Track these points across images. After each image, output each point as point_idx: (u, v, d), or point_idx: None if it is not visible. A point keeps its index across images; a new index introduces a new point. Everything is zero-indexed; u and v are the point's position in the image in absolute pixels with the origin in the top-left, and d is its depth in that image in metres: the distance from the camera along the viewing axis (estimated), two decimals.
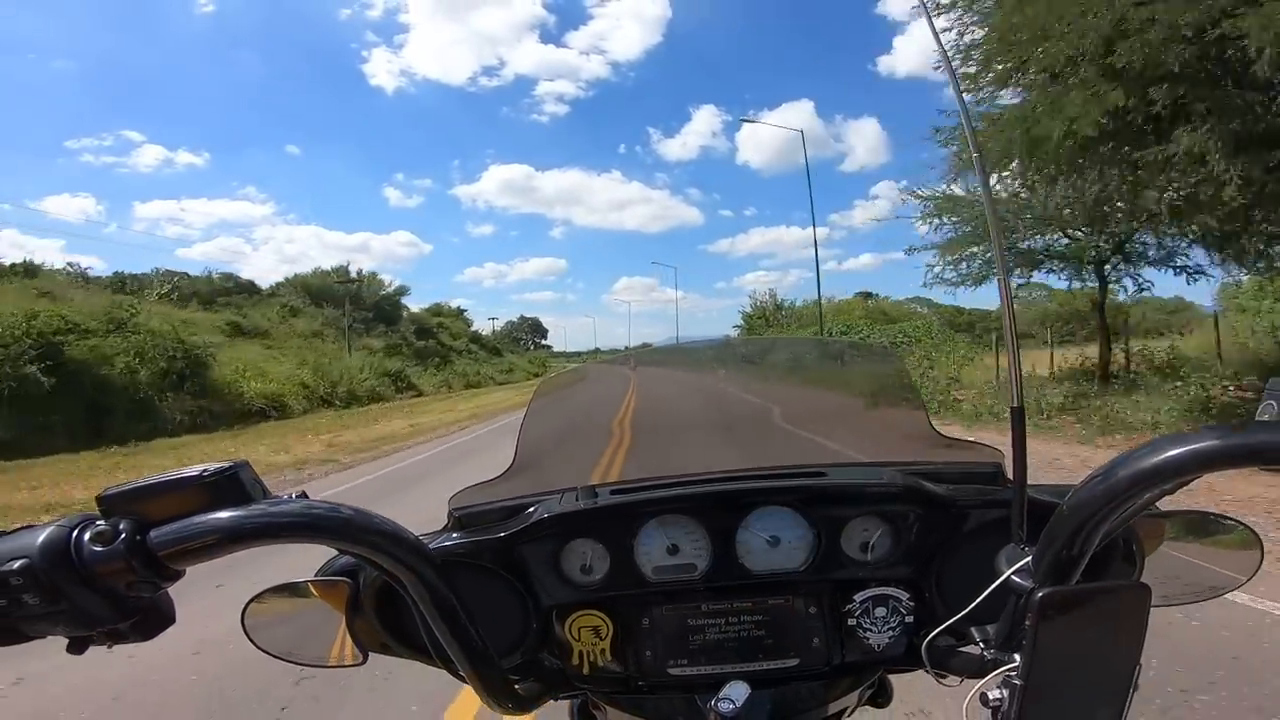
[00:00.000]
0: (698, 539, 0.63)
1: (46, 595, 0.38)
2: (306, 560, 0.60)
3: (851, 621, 0.62)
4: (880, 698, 0.71)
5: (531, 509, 0.64)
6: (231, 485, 0.41)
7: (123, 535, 0.39)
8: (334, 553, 0.58)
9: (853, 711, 0.70)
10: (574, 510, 0.63)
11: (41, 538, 0.38)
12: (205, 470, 0.41)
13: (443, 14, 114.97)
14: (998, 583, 0.50)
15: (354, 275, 43.89)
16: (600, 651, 0.62)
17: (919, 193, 11.28)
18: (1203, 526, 0.62)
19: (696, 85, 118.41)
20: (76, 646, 0.41)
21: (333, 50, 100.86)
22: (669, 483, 0.67)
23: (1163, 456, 0.37)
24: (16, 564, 0.37)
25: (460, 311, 57.73)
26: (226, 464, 0.41)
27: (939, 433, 0.70)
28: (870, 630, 0.62)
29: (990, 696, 0.45)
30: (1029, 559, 0.47)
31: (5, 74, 68.53)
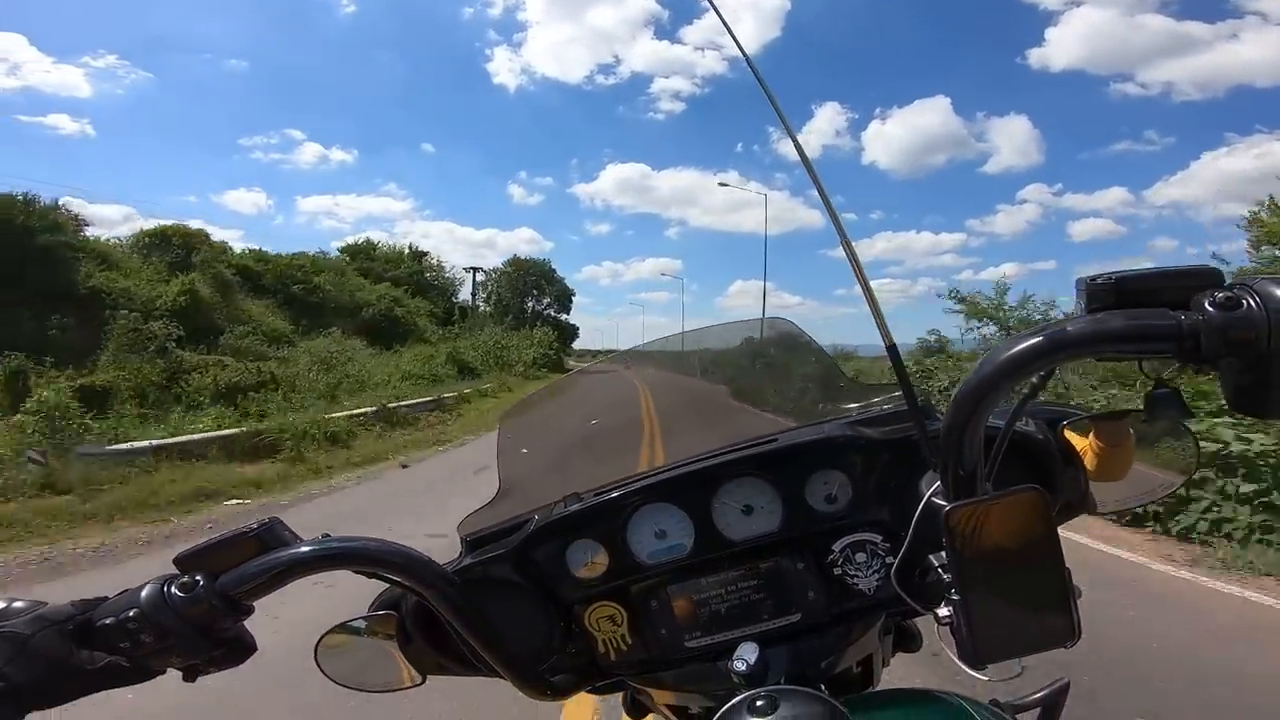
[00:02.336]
0: (680, 520, 0.69)
1: (157, 634, 0.50)
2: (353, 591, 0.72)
3: (837, 570, 0.67)
4: (910, 642, 0.76)
5: (528, 522, 0.72)
6: (271, 535, 0.53)
7: (200, 584, 0.51)
8: (379, 589, 0.68)
9: (887, 660, 0.74)
10: (562, 516, 0.71)
11: (145, 592, 0.51)
12: (249, 527, 0.53)
13: (559, 12, 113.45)
14: (920, 508, 0.55)
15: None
16: (621, 637, 0.69)
17: None
18: (1148, 431, 0.66)
19: (818, 81, 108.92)
20: (189, 675, 0.53)
21: (459, 49, 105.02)
22: (642, 476, 0.74)
23: (995, 363, 0.44)
24: (132, 613, 0.50)
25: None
26: (265, 520, 0.54)
27: (857, 381, 0.77)
28: (857, 575, 0.67)
29: (941, 615, 0.49)
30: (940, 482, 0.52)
31: (187, 73, 76.60)
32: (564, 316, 57.75)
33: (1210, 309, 0.40)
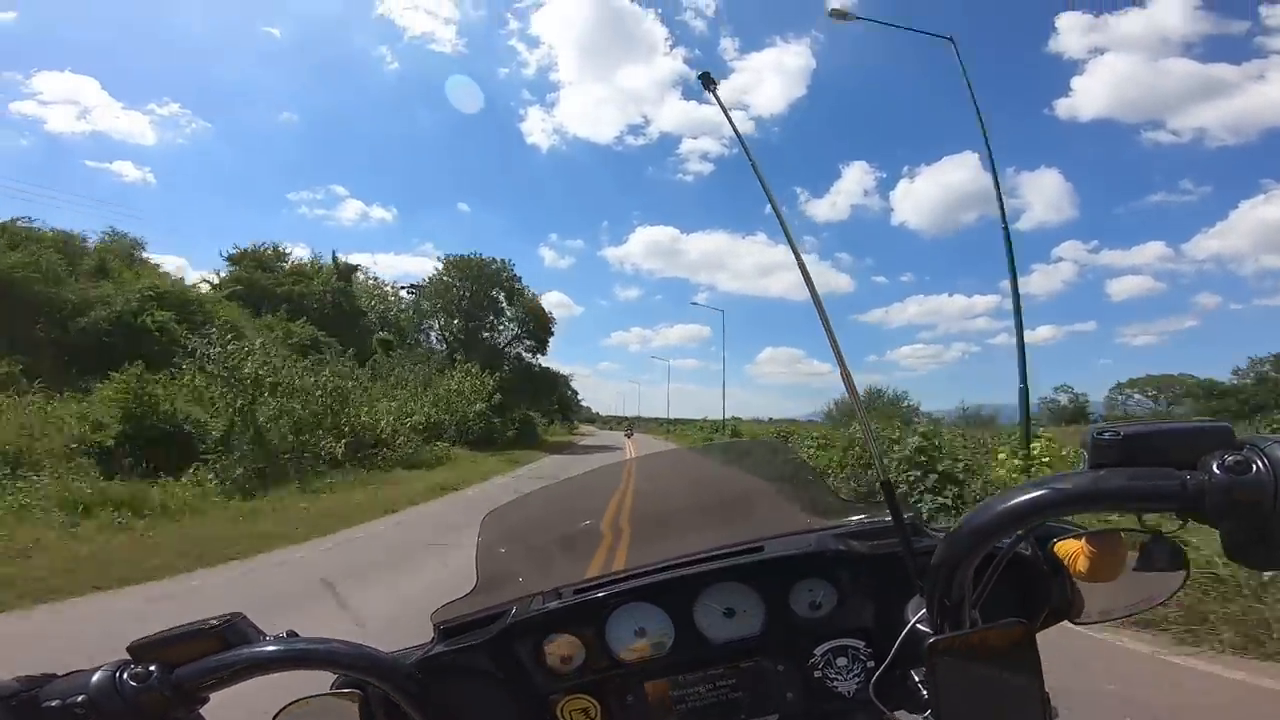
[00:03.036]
0: (661, 620, 0.69)
1: None
2: None
3: (817, 674, 0.67)
4: None
5: (505, 615, 0.71)
6: (234, 631, 0.52)
7: (154, 675, 0.49)
8: None
9: None
10: (541, 612, 0.70)
11: (95, 678, 0.49)
12: (211, 622, 0.52)
13: (590, 73, 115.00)
14: (905, 632, 0.56)
15: None
16: None
17: None
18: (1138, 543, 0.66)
19: (845, 140, 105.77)
20: None
21: (494, 109, 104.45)
22: (626, 575, 0.73)
23: (995, 512, 0.44)
24: (80, 698, 0.48)
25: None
26: (227, 615, 0.53)
27: (844, 499, 0.78)
28: (837, 679, 0.66)
29: None
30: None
31: (242, 123, 77.81)
32: (539, 360, 39.24)
33: (1218, 471, 0.40)
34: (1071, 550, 0.65)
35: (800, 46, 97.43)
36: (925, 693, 0.54)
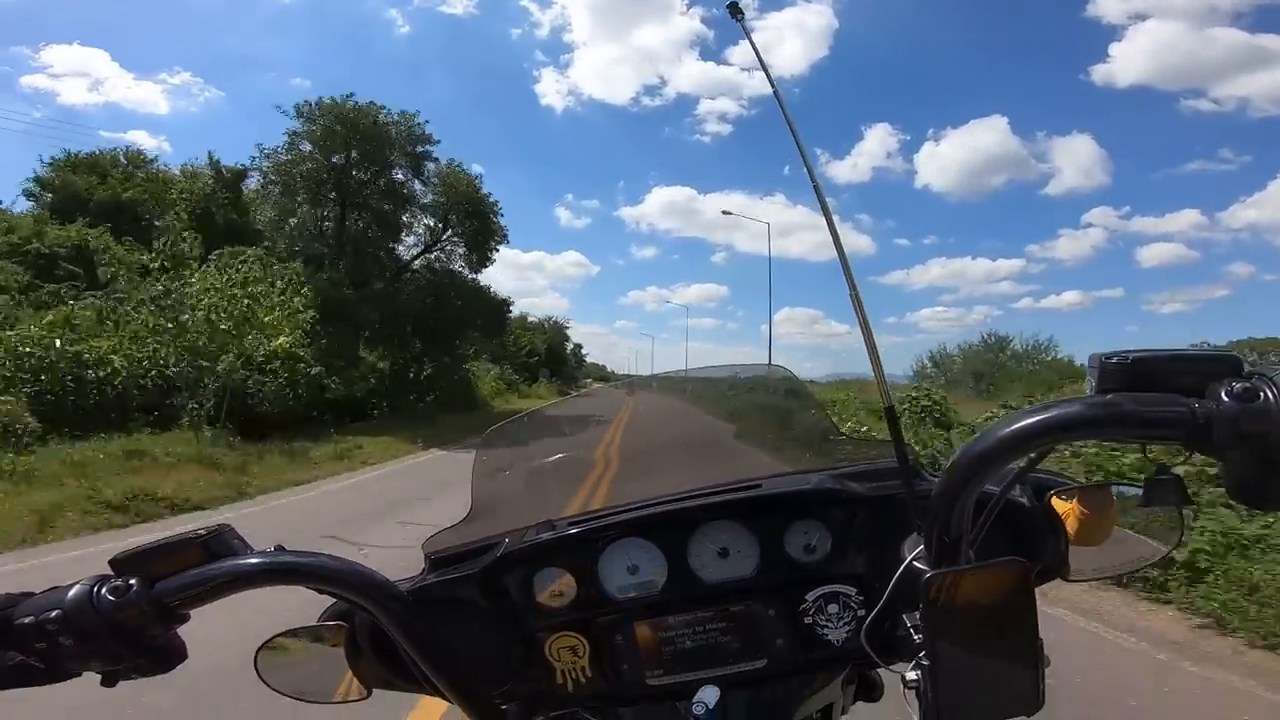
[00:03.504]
0: (654, 557, 0.68)
1: (78, 637, 0.47)
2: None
3: (807, 620, 0.66)
4: (872, 692, 0.75)
5: (497, 546, 0.70)
6: (219, 543, 0.51)
7: (133, 589, 0.48)
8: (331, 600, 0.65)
9: (846, 708, 0.74)
10: (534, 543, 0.69)
11: (70, 593, 0.48)
12: (198, 532, 0.50)
13: (604, 32, 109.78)
14: (900, 570, 0.54)
15: None
16: (580, 669, 0.67)
17: None
18: (1131, 500, 0.65)
19: (868, 102, 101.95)
20: (108, 680, 0.50)
21: (508, 70, 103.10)
22: (620, 510, 0.72)
23: (997, 437, 0.42)
24: (53, 614, 0.47)
25: None
26: (214, 526, 0.51)
27: (849, 436, 0.76)
28: (827, 627, 0.66)
29: (909, 678, 0.48)
30: (923, 545, 0.52)
31: (255, 91, 75.09)
32: (480, 278, 24.70)
33: (1226, 399, 0.38)
34: (1062, 511, 0.64)
35: (822, 6, 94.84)
36: (917, 637, 0.53)
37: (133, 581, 0.48)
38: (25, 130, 58.84)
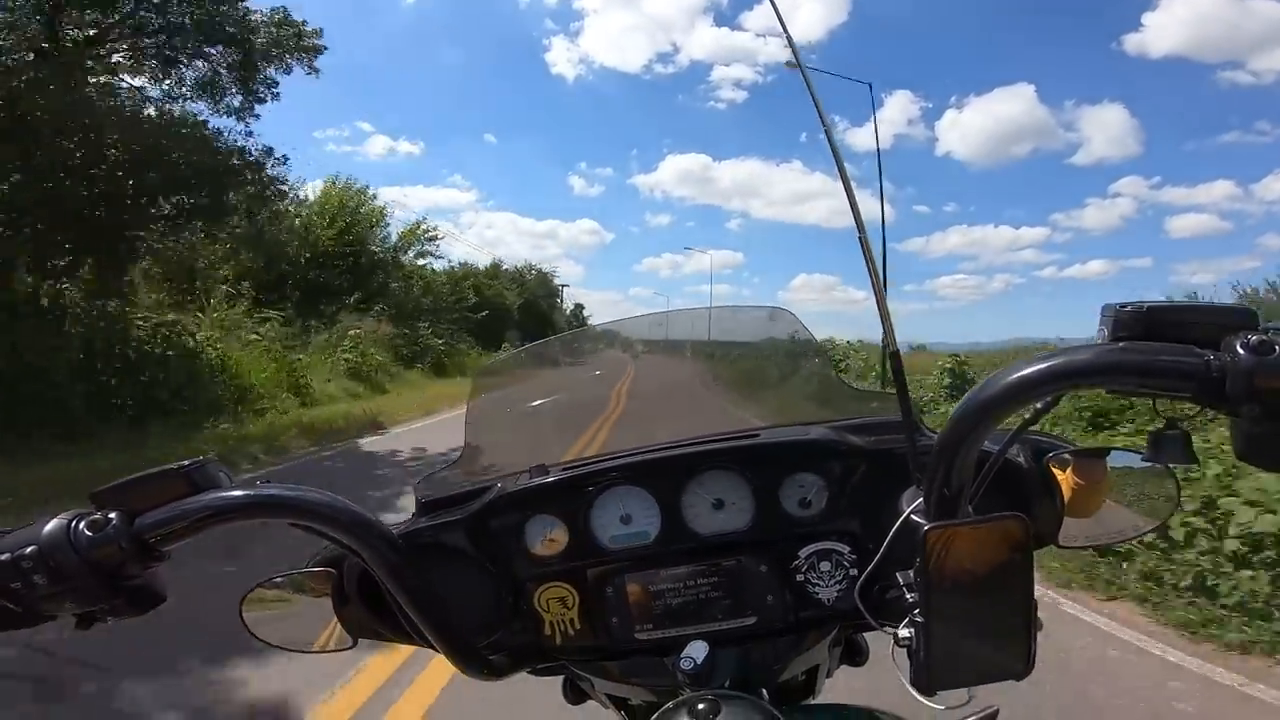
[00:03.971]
0: (648, 507, 0.67)
1: (52, 576, 0.45)
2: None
3: (800, 577, 0.65)
4: (856, 656, 0.75)
5: (488, 490, 0.69)
6: (203, 475, 0.48)
7: (113, 523, 0.46)
8: (320, 547, 0.64)
9: (831, 671, 0.74)
10: (526, 488, 0.68)
11: (46, 528, 0.46)
12: (181, 464, 0.48)
13: (615, 0, 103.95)
14: (898, 524, 0.53)
15: None
16: (569, 621, 0.67)
17: None
18: (1127, 468, 0.65)
19: (888, 68, 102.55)
20: (84, 622, 0.48)
21: (517, 39, 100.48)
22: (616, 456, 0.71)
23: (1003, 383, 0.41)
24: (28, 550, 0.45)
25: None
26: (199, 458, 0.49)
27: (853, 387, 0.75)
28: (819, 585, 0.65)
29: (901, 636, 0.47)
30: (922, 499, 0.51)
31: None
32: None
33: (1241, 351, 0.38)
34: (1058, 479, 0.64)
35: None
36: (910, 596, 0.52)
37: (112, 515, 0.46)
38: None
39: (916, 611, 0.45)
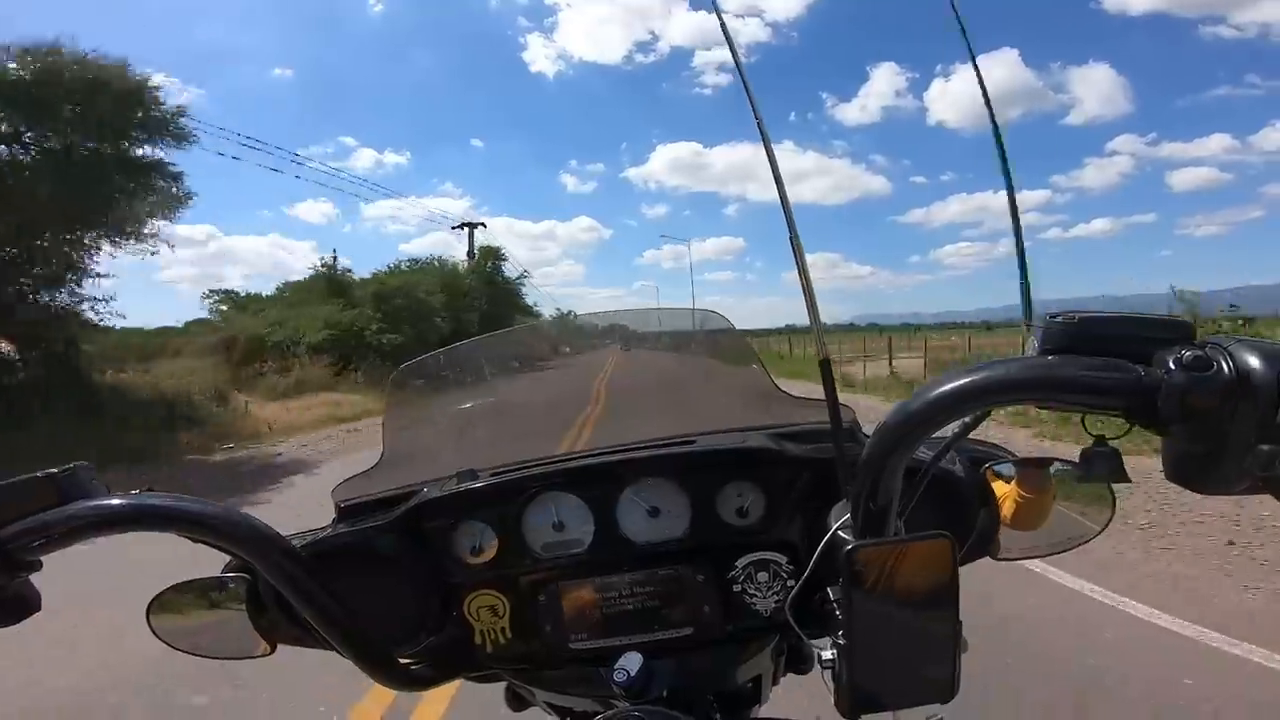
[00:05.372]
0: (581, 514, 0.65)
1: None
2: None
3: (736, 587, 0.64)
4: (801, 664, 0.73)
5: (414, 494, 0.66)
6: (72, 483, 0.45)
7: None
8: None
9: (777, 679, 0.72)
10: (453, 493, 0.65)
11: None
12: (49, 472, 0.45)
13: None
14: (825, 540, 0.51)
15: None
16: (500, 630, 0.65)
17: None
18: (1066, 478, 0.64)
19: (871, 41, 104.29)
20: None
21: (492, 40, 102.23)
22: (547, 461, 0.69)
23: (926, 399, 0.39)
24: None
25: None
26: (68, 465, 0.46)
27: (787, 394, 0.73)
28: (756, 595, 0.64)
29: (824, 658, 0.46)
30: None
31: (236, 85, 73.67)
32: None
33: (1174, 367, 0.36)
34: (1001, 493, 0.62)
35: None
36: (839, 612, 0.50)
37: None
38: None
39: (840, 634, 0.44)
